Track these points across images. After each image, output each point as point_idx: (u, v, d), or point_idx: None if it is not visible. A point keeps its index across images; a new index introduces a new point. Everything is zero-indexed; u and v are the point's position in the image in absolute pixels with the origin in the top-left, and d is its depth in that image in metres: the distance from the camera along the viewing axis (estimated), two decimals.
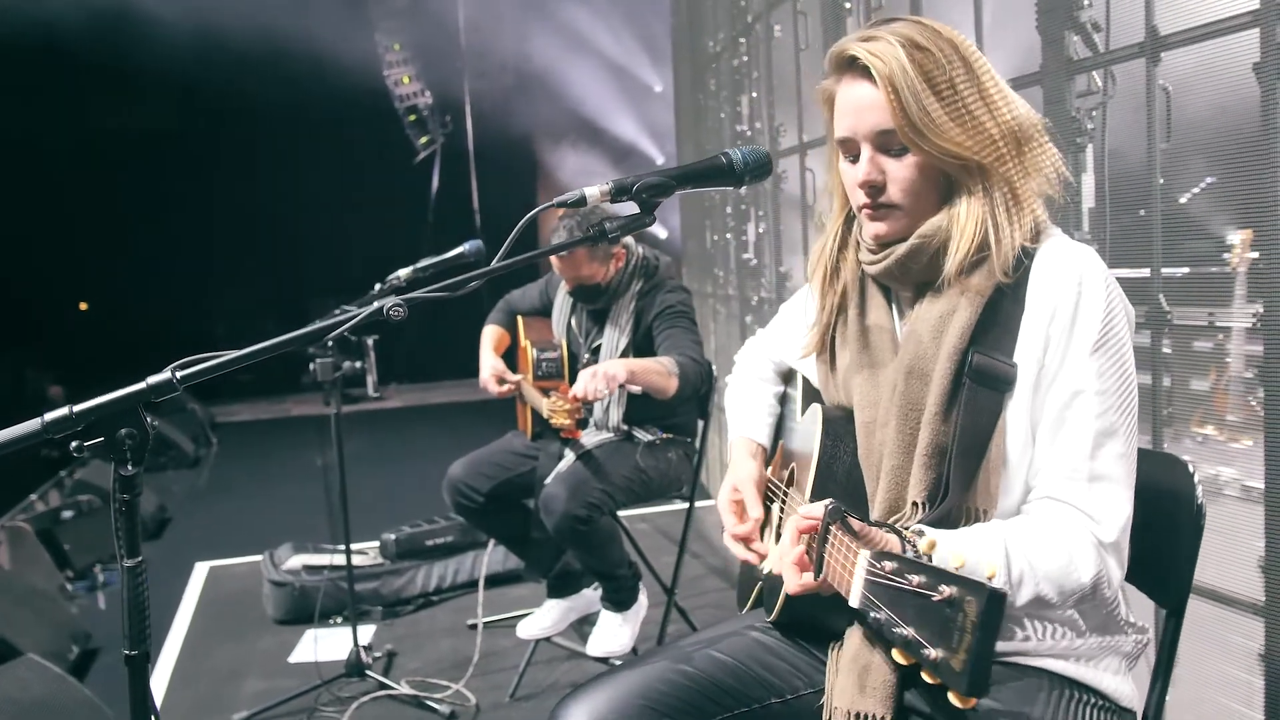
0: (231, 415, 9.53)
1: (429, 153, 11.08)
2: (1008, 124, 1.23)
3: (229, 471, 7.25)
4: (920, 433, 1.26)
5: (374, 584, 3.86)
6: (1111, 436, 1.20)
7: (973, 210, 1.24)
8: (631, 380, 2.58)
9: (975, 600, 0.85)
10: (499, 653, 3.35)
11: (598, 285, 2.84)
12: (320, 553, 4.01)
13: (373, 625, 3.72)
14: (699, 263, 5.22)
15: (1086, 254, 1.24)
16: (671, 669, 1.37)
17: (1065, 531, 1.19)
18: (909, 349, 1.29)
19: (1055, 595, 1.18)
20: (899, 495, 1.27)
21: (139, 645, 1.19)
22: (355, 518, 3.20)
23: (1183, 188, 2.08)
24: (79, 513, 4.85)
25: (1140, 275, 2.17)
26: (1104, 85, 2.32)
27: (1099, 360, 1.21)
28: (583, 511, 2.58)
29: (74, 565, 4.59)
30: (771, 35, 3.82)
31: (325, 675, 3.10)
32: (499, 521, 3.00)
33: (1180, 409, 2.15)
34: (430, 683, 3.15)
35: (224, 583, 4.46)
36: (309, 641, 3.52)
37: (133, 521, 1.19)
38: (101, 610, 4.33)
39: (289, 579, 3.80)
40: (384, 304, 1.20)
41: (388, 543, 4.01)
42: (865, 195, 1.28)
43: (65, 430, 1.13)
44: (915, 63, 1.21)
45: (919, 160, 1.24)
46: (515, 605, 3.71)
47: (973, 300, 1.24)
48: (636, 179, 1.28)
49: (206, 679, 3.38)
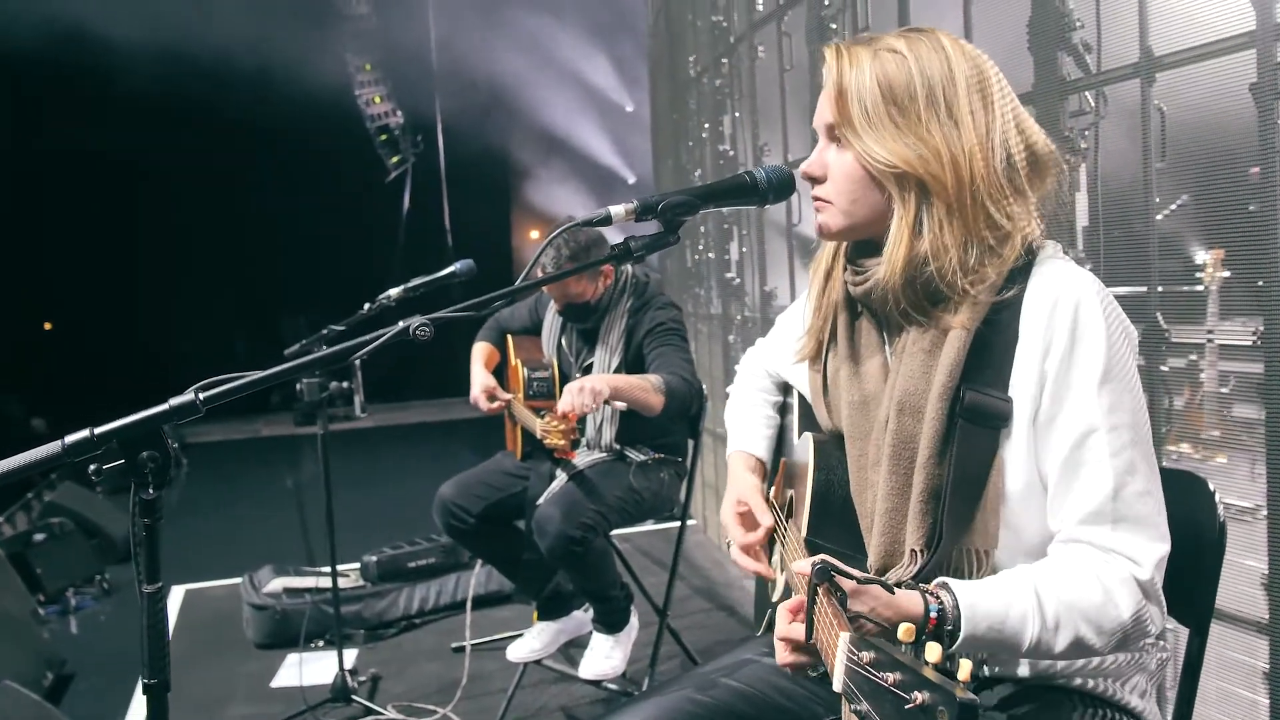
0: (202, 436, 9.39)
1: (400, 172, 11.05)
2: (974, 152, 1.19)
3: (200, 493, 7.14)
4: (915, 477, 1.22)
5: (356, 607, 3.81)
6: (1132, 474, 1.16)
7: (900, 231, 1.21)
8: (617, 396, 2.55)
9: (946, 711, 0.81)
10: (486, 676, 3.31)
11: (587, 303, 2.82)
12: (302, 575, 3.95)
13: (356, 649, 3.67)
14: (680, 281, 5.24)
15: (1083, 279, 1.19)
16: (687, 699, 1.35)
17: (1098, 570, 1.15)
18: (900, 383, 1.25)
19: (1095, 635, 1.13)
20: (895, 540, 1.24)
21: (159, 674, 1.16)
22: (335, 539, 3.16)
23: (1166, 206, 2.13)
24: (51, 535, 4.74)
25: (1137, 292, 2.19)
26: (1096, 105, 2.37)
27: (1109, 395, 1.16)
28: (577, 533, 2.56)
29: (46, 589, 4.50)
30: (755, 56, 3.86)
31: (310, 700, 3.06)
32: (490, 543, 2.97)
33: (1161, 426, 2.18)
34: (416, 707, 3.11)
35: (202, 606, 4.38)
36: (292, 666, 3.46)
37: (154, 547, 1.17)
38: (74, 635, 4.24)
39: (270, 602, 3.74)
40: (409, 324, 1.19)
41: (369, 565, 3.96)
42: (811, 185, 1.29)
43: (86, 453, 1.12)
44: (880, 66, 1.21)
45: (853, 158, 1.23)
46: (501, 627, 3.68)
47: (960, 336, 1.20)
48: (662, 198, 1.27)
49: (189, 705, 3.31)
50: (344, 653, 3.50)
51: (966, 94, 1.21)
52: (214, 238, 10.21)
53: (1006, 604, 1.11)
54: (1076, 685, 1.27)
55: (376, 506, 6.07)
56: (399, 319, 1.20)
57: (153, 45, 8.13)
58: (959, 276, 1.19)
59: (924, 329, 1.24)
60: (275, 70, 8.62)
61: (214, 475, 7.80)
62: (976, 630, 1.10)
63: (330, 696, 3.08)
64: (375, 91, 10.68)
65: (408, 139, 10.95)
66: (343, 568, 4.12)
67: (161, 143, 9.64)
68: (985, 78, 1.24)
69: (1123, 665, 1.28)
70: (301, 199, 10.26)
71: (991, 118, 1.22)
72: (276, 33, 8.67)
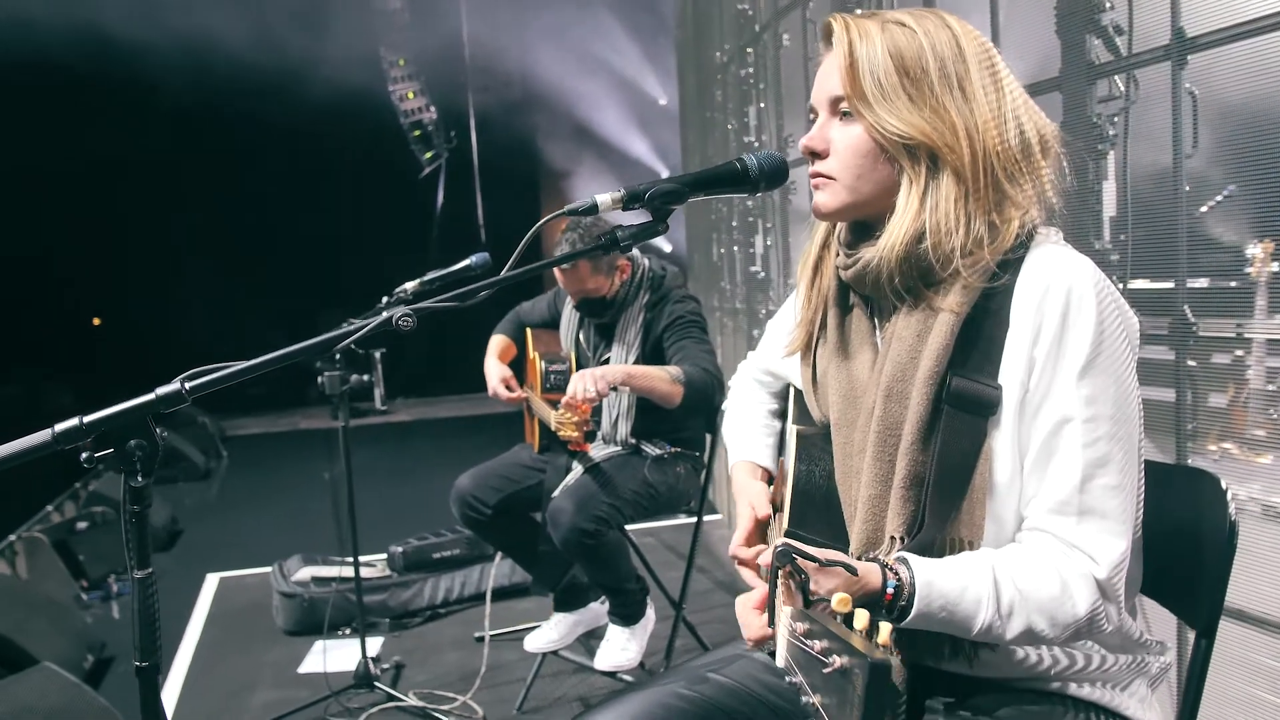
0: (241, 429, 9.54)
1: (434, 168, 11.12)
2: (989, 127, 1.17)
3: (239, 484, 7.26)
4: (898, 463, 1.19)
5: (381, 596, 3.85)
6: (1103, 467, 1.13)
7: (910, 202, 1.18)
8: (631, 385, 2.54)
9: (860, 673, 0.82)
10: (506, 665, 3.33)
11: (603, 298, 2.82)
12: (329, 564, 4.00)
13: (380, 637, 3.71)
14: (706, 275, 5.22)
15: (1078, 265, 1.15)
16: (674, 694, 1.33)
17: (1058, 562, 1.13)
18: (887, 369, 1.22)
19: (1048, 627, 1.12)
20: (877, 528, 1.21)
21: (149, 656, 1.18)
22: (363, 530, 3.20)
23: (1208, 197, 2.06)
24: (93, 524, 4.87)
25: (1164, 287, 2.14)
26: (1126, 90, 2.31)
27: (1090, 385, 1.13)
28: (589, 525, 2.56)
29: (89, 575, 4.62)
30: (780, 44, 3.82)
31: (334, 686, 3.10)
32: (506, 534, 2.98)
33: (1202, 425, 2.12)
34: (438, 695, 3.13)
35: (234, 594, 4.46)
36: (318, 653, 3.51)
37: (143, 533, 1.17)
38: (116, 619, 4.35)
39: (298, 590, 3.80)
40: (393, 314, 1.19)
41: (395, 555, 4.00)
42: (810, 162, 1.26)
43: (75, 441, 1.12)
44: (891, 37, 1.19)
45: (863, 131, 1.20)
46: (522, 618, 3.70)
47: (949, 320, 1.17)
48: (650, 186, 1.26)
49: (217, 689, 3.38)
50: (369, 641, 3.56)
51: (978, 70, 1.19)
52: (253, 235, 10.36)
53: (963, 586, 1.10)
54: (1071, 692, 1.23)
55: (406, 498, 6.13)
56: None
57: (188, 46, 8.27)
58: (955, 255, 1.16)
59: (913, 313, 1.21)
60: (310, 68, 8.72)
61: (253, 467, 7.93)
62: (930, 608, 1.09)
63: (353, 683, 3.12)
64: (409, 87, 10.74)
65: (441, 135, 11.01)
66: (370, 558, 4.19)
67: (200, 143, 9.80)
68: (993, 56, 1.23)
69: (1122, 670, 1.25)
70: (339, 195, 10.39)
71: (1001, 95, 1.20)
72: (311, 30, 8.77)
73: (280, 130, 9.62)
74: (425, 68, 10.82)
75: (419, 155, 11.12)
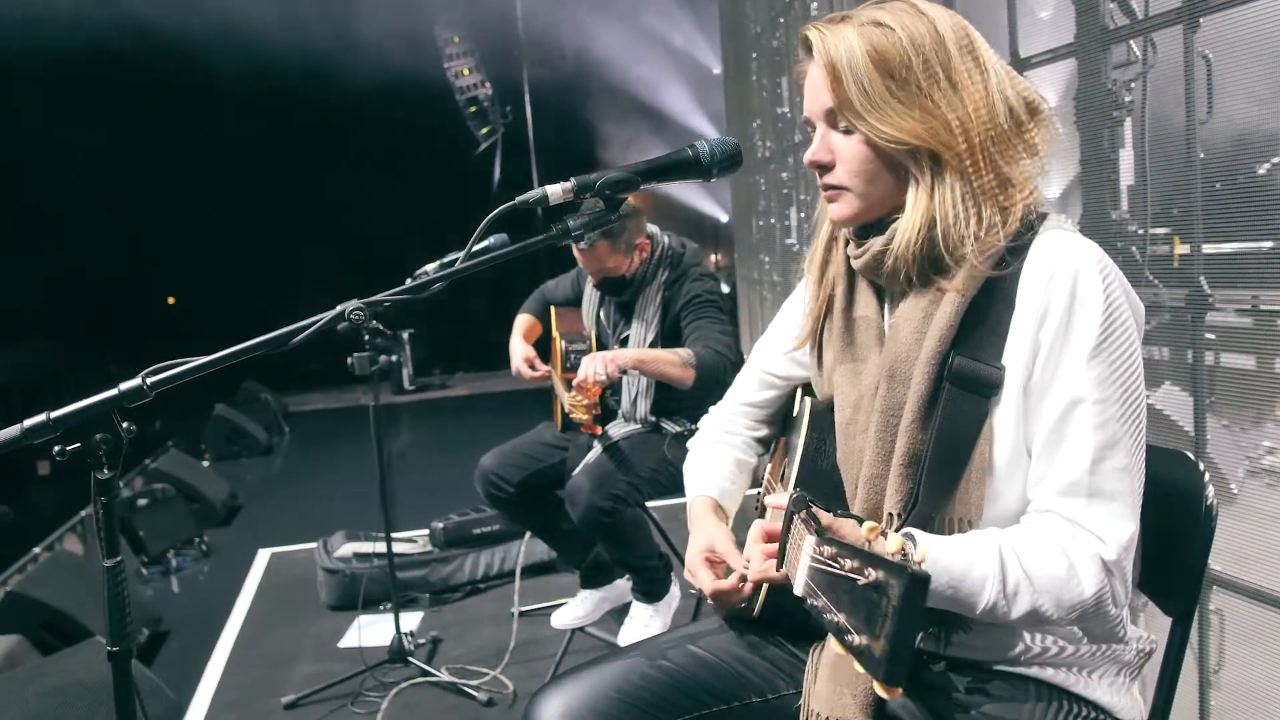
0: (304, 405, 9.80)
1: (490, 143, 11.20)
2: (980, 113, 1.17)
3: (299, 459, 7.46)
4: (897, 440, 1.21)
5: (422, 571, 3.93)
6: (1113, 449, 1.13)
7: (919, 201, 1.18)
8: (641, 369, 2.56)
9: (897, 583, 0.83)
10: (539, 641, 3.38)
11: (622, 277, 2.83)
12: (371, 540, 4.10)
13: (420, 612, 3.79)
14: (748, 249, 5.17)
15: (1084, 249, 1.16)
16: (648, 664, 1.35)
17: (1065, 543, 1.13)
18: (891, 349, 1.24)
19: (1053, 608, 1.12)
20: (876, 505, 1.23)
21: (120, 641, 1.22)
22: (415, 504, 3.25)
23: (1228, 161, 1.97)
24: (153, 500, 5.05)
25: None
26: (1144, 54, 2.22)
27: (1099, 366, 1.13)
28: (606, 504, 2.58)
29: (148, 551, 4.80)
30: (809, 14, 3.75)
31: (370, 661, 3.18)
32: (530, 512, 3.02)
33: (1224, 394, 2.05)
34: (470, 669, 3.20)
35: (283, 569, 4.60)
36: (358, 627, 3.61)
37: (111, 522, 1.21)
38: (174, 594, 4.52)
39: (340, 566, 3.90)
40: (345, 308, 1.22)
41: (436, 531, 4.07)
42: (819, 176, 1.26)
43: (43, 436, 1.17)
44: (868, 41, 1.17)
45: (864, 140, 1.20)
46: (558, 594, 3.74)
47: (954, 300, 1.18)
48: (600, 176, 1.27)
49: (260, 662, 3.50)
50: (408, 615, 3.64)
51: (959, 55, 1.19)
52: (315, 214, 10.59)
53: (969, 563, 1.10)
54: (1036, 674, 1.23)
55: (458, 472, 6.23)
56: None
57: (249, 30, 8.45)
58: (967, 243, 1.17)
59: (921, 297, 1.22)
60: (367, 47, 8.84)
61: (314, 442, 8.14)
62: (936, 584, 1.09)
63: (388, 658, 3.19)
64: (464, 63, 10.83)
65: (496, 110, 11.08)
66: (413, 533, 4.28)
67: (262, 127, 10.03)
68: (969, 34, 1.21)
69: (1094, 656, 1.24)
70: (398, 172, 10.53)
71: (986, 75, 1.19)
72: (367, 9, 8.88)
73: (340, 110, 9.80)
74: (480, 44, 10.88)
75: (475, 131, 11.22)
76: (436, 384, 10.28)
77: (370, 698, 3.05)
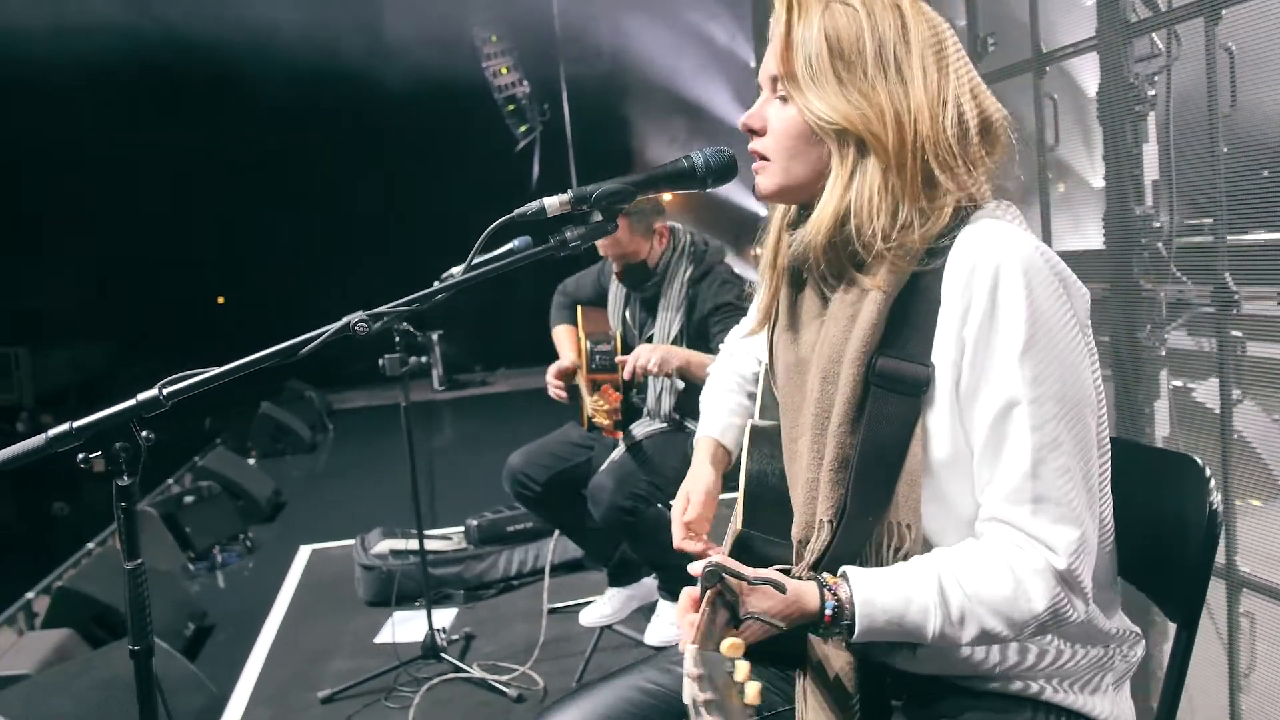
0: (347, 402, 9.95)
1: (529, 141, 11.26)
2: (923, 112, 1.14)
3: (342, 456, 7.59)
4: (826, 445, 1.18)
5: (457, 568, 3.99)
6: (1054, 450, 1.09)
7: (835, 188, 1.16)
8: (685, 372, 2.59)
9: None
10: (571, 638, 3.42)
11: (644, 264, 2.84)
12: (408, 537, 4.16)
13: (454, 609, 3.85)
14: None
15: (1008, 241, 1.11)
16: (636, 686, 1.36)
17: (1011, 557, 1.10)
18: (823, 350, 1.21)
19: (1005, 627, 1.10)
20: (812, 511, 1.20)
21: (142, 640, 1.27)
22: (453, 502, 3.29)
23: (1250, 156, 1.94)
24: (199, 498, 5.18)
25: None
26: (1167, 47, 2.19)
27: (1031, 365, 1.09)
28: (628, 503, 2.61)
29: (195, 547, 4.93)
30: None
31: (403, 656, 3.24)
32: (557, 510, 3.06)
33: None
34: (501, 666, 3.24)
35: (323, 565, 4.70)
36: (393, 623, 3.68)
37: (132, 527, 1.26)
38: (220, 589, 4.63)
39: (377, 563, 3.97)
40: (350, 319, 1.25)
41: (470, 528, 4.13)
42: (749, 139, 1.25)
43: (67, 445, 1.22)
44: (830, 17, 1.16)
45: (796, 113, 1.18)
46: (592, 591, 3.76)
47: (876, 299, 1.15)
48: (597, 188, 1.29)
49: (298, 657, 3.58)
50: (442, 612, 3.70)
51: (920, 53, 1.16)
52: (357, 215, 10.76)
53: (907, 598, 1.09)
54: (1033, 694, 1.21)
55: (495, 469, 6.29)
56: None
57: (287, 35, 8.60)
58: (878, 240, 1.14)
59: (847, 294, 1.19)
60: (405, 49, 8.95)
61: (356, 440, 8.27)
62: (874, 624, 1.08)
63: (420, 654, 3.25)
64: (502, 62, 10.90)
65: (535, 108, 11.14)
66: (448, 530, 4.35)
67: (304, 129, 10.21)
68: (943, 40, 1.19)
69: (1087, 666, 1.22)
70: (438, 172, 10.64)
71: (945, 79, 1.17)
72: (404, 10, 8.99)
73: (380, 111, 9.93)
74: (517, 43, 10.95)
75: (514, 129, 11.29)
76: (478, 380, 10.41)
77: (403, 693, 3.11)
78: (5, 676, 2.98)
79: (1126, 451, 1.33)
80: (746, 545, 1.32)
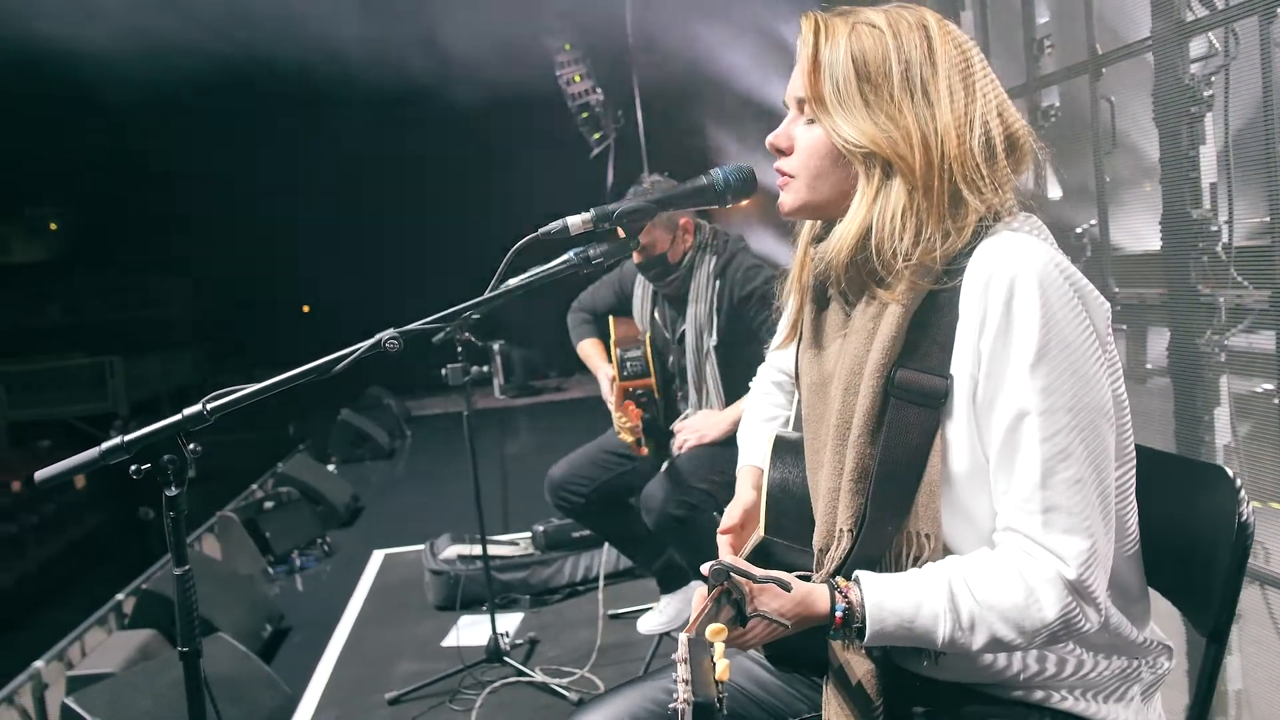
0: (425, 409, 10.17)
1: (603, 148, 11.36)
2: (950, 134, 1.14)
3: (419, 462, 7.76)
4: (846, 455, 1.19)
5: (523, 574, 4.06)
6: (1065, 460, 1.09)
7: (860, 208, 1.17)
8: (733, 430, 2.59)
9: (688, 710, 0.90)
10: (632, 644, 3.45)
11: (665, 257, 2.84)
12: (474, 543, 4.25)
13: (520, 613, 3.92)
14: None
15: (1024, 253, 1.11)
16: (663, 688, 1.38)
17: (1022, 566, 1.11)
18: (845, 363, 1.22)
19: (1016, 635, 1.10)
20: (833, 521, 1.21)
21: (190, 643, 1.34)
22: (525, 507, 3.34)
23: None
24: (279, 503, 5.37)
25: None
26: (1225, 46, 2.13)
27: (1043, 376, 1.09)
28: (680, 511, 2.63)
29: (274, 551, 5.10)
30: None
31: (468, 660, 3.31)
32: (602, 521, 3.10)
33: None
34: (563, 670, 3.29)
35: (395, 570, 4.82)
36: (459, 627, 3.76)
37: (180, 535, 1.33)
38: (299, 592, 4.79)
39: (445, 568, 4.07)
40: (381, 337, 1.30)
41: (537, 534, 4.20)
42: (775, 158, 1.26)
43: (119, 458, 1.30)
44: (856, 40, 1.17)
45: (822, 134, 1.20)
46: (652, 596, 3.78)
47: (895, 312, 1.17)
48: (618, 206, 1.32)
49: (367, 659, 3.69)
50: (506, 616, 3.77)
51: (946, 74, 1.17)
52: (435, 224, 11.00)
53: (917, 603, 1.10)
54: (1054, 703, 1.20)
55: None
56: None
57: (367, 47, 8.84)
58: (899, 259, 1.15)
59: (869, 308, 1.21)
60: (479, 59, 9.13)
61: (433, 446, 8.45)
62: (884, 628, 1.10)
63: (485, 657, 3.32)
64: (575, 70, 11.01)
65: (608, 115, 11.23)
66: (516, 536, 4.42)
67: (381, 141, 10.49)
68: (969, 60, 1.19)
69: (1111, 677, 1.21)
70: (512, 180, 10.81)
71: (971, 99, 1.17)
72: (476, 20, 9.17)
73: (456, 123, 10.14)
74: (590, 51, 11.06)
75: (588, 137, 11.38)
76: (552, 387, 10.54)
77: (467, 695, 3.18)
78: (91, 675, 3.14)
79: (1156, 461, 1.31)
80: (767, 551, 1.35)
